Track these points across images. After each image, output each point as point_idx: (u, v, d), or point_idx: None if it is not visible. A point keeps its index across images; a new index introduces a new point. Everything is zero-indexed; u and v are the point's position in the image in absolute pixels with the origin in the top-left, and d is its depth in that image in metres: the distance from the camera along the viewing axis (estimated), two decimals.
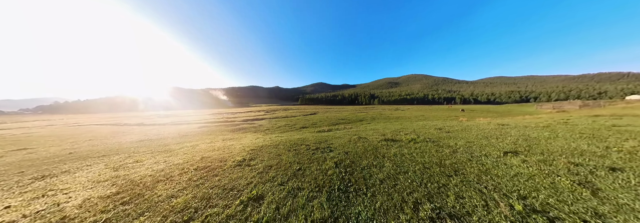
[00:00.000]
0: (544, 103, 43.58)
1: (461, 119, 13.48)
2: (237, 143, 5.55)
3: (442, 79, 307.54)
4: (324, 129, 9.22)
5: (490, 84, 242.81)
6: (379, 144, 4.31)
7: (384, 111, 33.41)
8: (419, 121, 13.66)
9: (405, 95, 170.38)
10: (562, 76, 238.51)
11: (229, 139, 7.12)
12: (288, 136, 6.65)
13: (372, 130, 7.76)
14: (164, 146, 6.07)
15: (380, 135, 5.80)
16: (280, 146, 4.38)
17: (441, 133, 5.68)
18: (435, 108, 48.03)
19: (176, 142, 6.93)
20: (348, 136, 5.81)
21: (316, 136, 6.41)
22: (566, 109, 24.96)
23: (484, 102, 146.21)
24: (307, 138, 5.87)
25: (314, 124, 12.90)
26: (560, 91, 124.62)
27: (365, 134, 6.29)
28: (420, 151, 3.63)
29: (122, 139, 9.02)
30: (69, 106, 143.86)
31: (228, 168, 2.99)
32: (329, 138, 5.62)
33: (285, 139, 5.77)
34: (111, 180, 2.81)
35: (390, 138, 4.92)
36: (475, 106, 58.15)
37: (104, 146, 7.08)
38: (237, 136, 8.39)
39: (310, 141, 4.92)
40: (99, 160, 4.35)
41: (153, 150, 5.25)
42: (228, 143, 5.77)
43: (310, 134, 7.49)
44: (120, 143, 7.74)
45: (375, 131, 6.97)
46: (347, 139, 5.09)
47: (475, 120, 12.14)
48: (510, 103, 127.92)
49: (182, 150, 5.05)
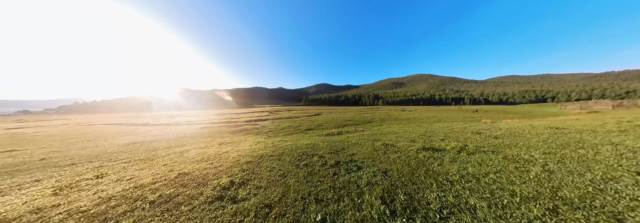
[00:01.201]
0: (568, 103, 40.08)
1: (484, 120, 11.89)
2: (233, 150, 4.58)
3: (449, 79, 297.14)
4: (333, 132, 8.13)
5: (501, 83, 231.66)
6: (420, 156, 3.16)
7: (390, 111, 31.80)
8: (435, 122, 12.26)
9: (411, 96, 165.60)
10: (581, 74, 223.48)
11: (226, 143, 6.19)
12: (293, 141, 5.63)
13: (391, 134, 6.59)
14: (151, 151, 5.22)
15: (409, 141, 4.63)
16: (284, 158, 3.34)
17: (488, 139, 4.44)
18: (444, 108, 45.55)
19: (167, 146, 6.09)
20: (368, 142, 4.68)
21: (328, 141, 5.34)
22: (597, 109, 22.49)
23: (496, 102, 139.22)
24: (317, 144, 4.81)
25: (319, 125, 11.83)
26: (581, 90, 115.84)
27: (388, 139, 5.13)
28: (491, 168, 2.46)
29: (118, 140, 8.43)
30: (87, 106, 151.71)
31: (201, 203, 1.94)
32: (344, 144, 4.52)
33: (291, 145, 4.75)
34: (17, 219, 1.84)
35: (429, 147, 3.74)
36: (488, 107, 54.96)
37: (92, 149, 6.42)
38: (236, 139, 7.47)
39: (323, 150, 3.85)
40: (58, 172, 3.48)
41: (133, 158, 4.39)
42: (223, 149, 4.82)
43: (319, 138, 6.42)
44: (112, 145, 7.07)
45: (398, 136, 5.79)
46: (370, 146, 3.98)
47: (502, 122, 10.62)
48: (525, 103, 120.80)
49: (167, 157, 4.14)
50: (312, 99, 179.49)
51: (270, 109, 48.44)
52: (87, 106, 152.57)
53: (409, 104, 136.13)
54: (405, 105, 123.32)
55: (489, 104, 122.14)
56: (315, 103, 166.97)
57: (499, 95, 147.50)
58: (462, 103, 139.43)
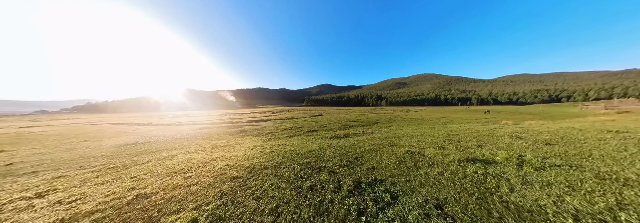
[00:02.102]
0: (589, 103, 37.27)
1: (504, 122, 10.65)
2: (224, 157, 3.85)
3: (455, 78, 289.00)
4: (339, 134, 7.30)
5: (511, 82, 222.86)
6: (469, 171, 2.30)
7: (395, 112, 30.57)
8: (448, 124, 11.21)
9: (415, 96, 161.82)
10: (600, 71, 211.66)
11: (220, 146, 5.49)
12: (295, 146, 4.85)
13: (408, 137, 5.69)
14: (134, 156, 4.59)
15: (437, 148, 3.74)
16: (282, 173, 2.55)
17: (539, 146, 3.50)
18: (452, 109, 43.65)
19: (156, 149, 5.46)
20: (385, 149, 3.83)
21: (335, 146, 4.53)
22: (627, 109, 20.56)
23: (505, 102, 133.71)
24: (323, 150, 4.00)
25: (323, 126, 11.03)
26: (600, 88, 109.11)
27: (408, 144, 4.26)
28: (605, 199, 1.59)
29: (112, 141, 8.02)
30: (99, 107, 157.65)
31: None
32: (357, 151, 3.69)
33: (292, 151, 3.97)
34: None
35: (472, 157, 2.83)
36: (499, 107, 52.47)
37: (78, 151, 5.96)
38: (233, 141, 6.78)
39: (332, 159, 3.04)
40: (6, 184, 2.84)
41: (108, 164, 3.74)
42: (213, 155, 4.12)
43: (324, 142, 5.61)
44: (102, 147, 6.61)
45: (418, 140, 4.90)
46: (390, 155, 3.14)
47: (526, 124, 9.45)
48: (538, 103, 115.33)
49: (144, 165, 3.47)
50: (314, 100, 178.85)
51: (272, 110, 48.13)
52: (99, 106, 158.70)
53: (413, 105, 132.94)
54: (409, 105, 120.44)
55: (498, 105, 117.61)
56: (318, 104, 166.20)
57: (509, 95, 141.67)
58: (469, 104, 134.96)
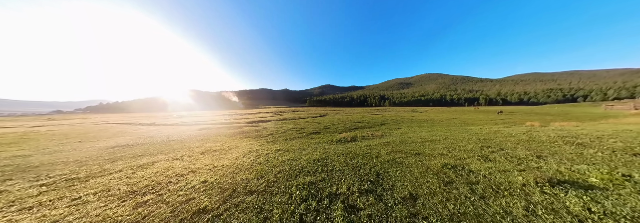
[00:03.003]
0: (614, 102, 34.73)
1: (529, 124, 9.66)
2: (207, 167, 3.53)
3: (461, 78, 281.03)
4: (345, 137, 6.77)
5: (521, 81, 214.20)
6: (573, 206, 1.65)
7: (400, 112, 29.56)
8: (464, 125, 10.51)
9: (419, 96, 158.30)
10: (618, 69, 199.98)
11: (211, 151, 5.04)
12: (296, 152, 4.48)
13: (428, 142, 5.07)
14: (108, 163, 4.27)
15: (481, 159, 3.19)
16: (272, 207, 1.96)
17: (631, 158, 2.77)
18: (460, 109, 41.96)
19: (139, 154, 5.17)
20: (410, 159, 3.36)
21: (344, 154, 4.11)
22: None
23: (515, 102, 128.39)
24: (329, 160, 3.57)
25: (326, 128, 10.48)
26: (620, 87, 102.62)
27: (436, 153, 3.75)
28: None
29: (106, 142, 7.88)
30: (110, 107, 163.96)
31: None
32: (374, 162, 3.25)
33: (291, 161, 3.57)
34: None
35: (551, 177, 2.15)
36: (512, 107, 50.20)
37: (60, 154, 5.70)
38: (228, 144, 6.33)
39: (343, 176, 2.52)
40: None
41: (69, 174, 3.42)
42: (196, 164, 3.79)
43: (330, 147, 5.16)
44: (90, 148, 6.43)
45: (445, 147, 4.40)
46: (424, 171, 2.69)
47: (556, 125, 8.52)
48: (551, 103, 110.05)
49: (108, 178, 3.18)
50: (316, 100, 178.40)
51: (274, 110, 47.96)
52: (110, 107, 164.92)
53: (418, 105, 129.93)
54: (413, 106, 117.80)
55: (507, 105, 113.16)
56: (320, 104, 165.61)
57: (519, 94, 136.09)
58: (477, 104, 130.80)
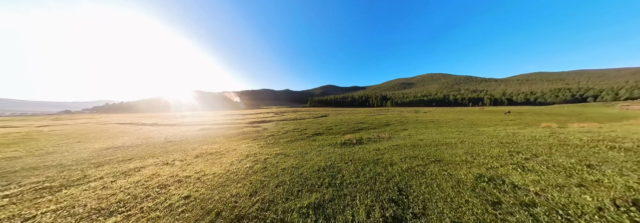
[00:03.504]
0: (630, 102, 33.49)
1: (545, 125, 9.34)
2: (196, 177, 3.37)
3: (464, 78, 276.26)
4: (350, 139, 6.50)
5: (526, 81, 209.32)
6: None
7: (403, 113, 29.30)
8: (475, 126, 10.29)
9: (422, 96, 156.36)
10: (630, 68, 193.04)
11: (207, 154, 5.11)
12: (297, 158, 4.35)
13: (444, 145, 4.94)
14: (92, 168, 4.18)
15: (517, 167, 3.03)
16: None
17: None
18: (465, 110, 41.32)
19: (129, 157, 5.11)
20: (430, 167, 3.22)
21: (351, 158, 4.01)
22: None
23: (521, 103, 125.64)
24: (337, 167, 3.44)
25: (329, 129, 10.47)
26: (632, 86, 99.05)
27: (459, 159, 3.56)
28: None
29: (102, 143, 7.84)
30: (116, 107, 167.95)
31: None
32: (390, 172, 3.09)
33: (292, 170, 3.46)
34: None
35: (625, 197, 1.93)
36: (520, 108, 49.21)
37: (50, 156, 5.64)
38: (226, 146, 6.45)
39: (359, 194, 2.36)
40: None
41: (43, 182, 3.38)
42: (185, 172, 3.66)
43: (335, 150, 5.01)
44: (83, 150, 6.35)
45: (467, 152, 4.13)
46: (455, 184, 2.53)
47: (575, 126, 8.33)
48: (559, 103, 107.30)
49: (83, 187, 3.07)
50: (318, 101, 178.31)
51: (276, 111, 48.27)
52: (115, 107, 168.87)
53: (420, 105, 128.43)
54: (416, 106, 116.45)
55: (513, 105, 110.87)
56: (321, 105, 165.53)
57: (525, 94, 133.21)
58: (481, 104, 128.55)
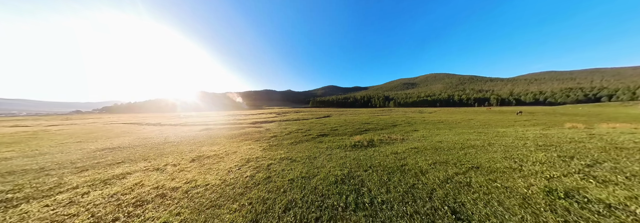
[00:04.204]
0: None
1: (571, 125, 8.63)
2: (185, 189, 2.94)
3: (469, 78, 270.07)
4: (360, 141, 6.03)
5: (535, 81, 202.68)
6: None
7: (407, 113, 28.64)
8: (491, 127, 9.73)
9: (425, 96, 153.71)
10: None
11: (204, 157, 4.82)
12: (306, 164, 3.91)
13: (470, 148, 4.49)
14: (74, 173, 3.92)
15: (588, 177, 2.63)
16: None
17: None
18: (472, 110, 40.11)
19: (120, 160, 4.85)
20: (472, 176, 2.77)
21: (370, 165, 3.60)
22: None
23: (530, 103, 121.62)
24: (357, 178, 2.99)
25: (333, 130, 10.09)
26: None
27: (502, 166, 3.11)
28: None
29: (101, 143, 7.73)
30: (124, 107, 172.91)
31: None
32: (426, 183, 2.65)
33: (301, 181, 2.94)
34: None
35: None
36: (530, 108, 47.49)
37: (40, 157, 5.47)
38: (226, 148, 6.19)
39: (398, 218, 1.95)
40: None
41: (10, 191, 3.12)
42: (173, 182, 3.22)
43: (346, 154, 4.59)
44: (76, 151, 6.19)
45: (507, 157, 3.67)
46: (521, 201, 2.10)
47: (601, 127, 7.68)
48: (571, 103, 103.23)
49: (45, 202, 2.73)
50: (319, 101, 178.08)
51: (278, 111, 48.23)
52: (123, 107, 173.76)
53: (424, 106, 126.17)
54: (419, 106, 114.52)
55: (522, 105, 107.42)
56: (323, 105, 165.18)
57: (534, 94, 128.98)
58: (487, 104, 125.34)
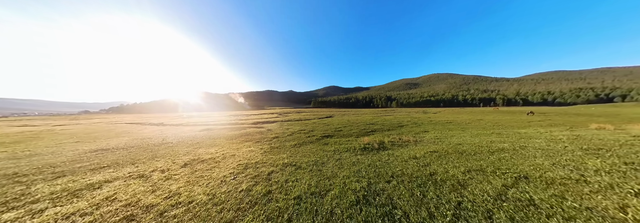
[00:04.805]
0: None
1: (598, 126, 8.12)
2: (169, 203, 2.48)
3: (473, 78, 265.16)
4: (370, 144, 5.58)
5: (543, 80, 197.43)
6: None
7: (411, 114, 28.00)
8: (506, 128, 9.15)
9: (428, 96, 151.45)
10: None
11: (199, 161, 4.50)
12: (314, 172, 3.37)
13: (502, 153, 4.03)
14: (50, 179, 3.61)
15: None
16: None
17: None
18: (478, 110, 39.03)
19: (108, 163, 4.57)
20: (530, 192, 2.35)
21: (393, 174, 3.11)
22: None
23: (538, 103, 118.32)
24: (378, 191, 2.53)
25: (338, 130, 9.67)
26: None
27: (551, 174, 2.73)
28: None
29: (98, 144, 7.56)
30: (129, 108, 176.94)
31: None
32: (473, 200, 2.21)
33: (311, 195, 2.46)
34: None
35: None
36: (540, 108, 45.96)
37: (26, 160, 5.25)
38: (224, 150, 5.90)
39: None
40: None
41: None
42: (159, 192, 2.82)
43: (357, 158, 4.17)
44: (68, 152, 6.01)
45: (552, 163, 3.24)
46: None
47: (633, 127, 7.14)
48: (581, 103, 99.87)
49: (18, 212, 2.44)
50: (321, 102, 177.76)
51: (279, 111, 48.11)
52: (129, 107, 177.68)
53: (427, 106, 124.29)
54: (422, 107, 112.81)
55: (529, 105, 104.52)
56: (325, 105, 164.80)
57: (542, 94, 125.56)
58: (493, 104, 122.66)
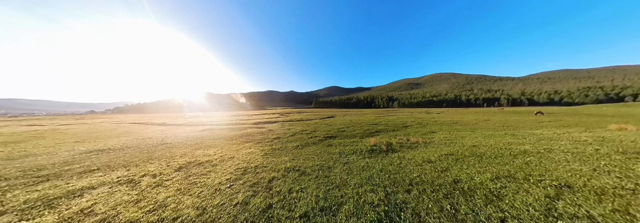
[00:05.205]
0: None
1: (616, 126, 7.72)
2: (151, 218, 2.12)
3: (477, 77, 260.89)
4: (377, 145, 5.26)
5: (549, 79, 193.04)
6: None
7: (414, 114, 27.55)
8: (518, 129, 8.75)
9: (431, 97, 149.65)
10: None
11: (195, 164, 4.29)
12: (321, 179, 2.97)
13: (526, 156, 3.74)
14: (31, 184, 3.40)
15: None
16: None
17: None
18: (483, 110, 38.23)
19: (98, 166, 4.37)
20: (582, 205, 2.08)
21: (411, 182, 2.78)
22: None
23: (545, 103, 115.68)
24: (400, 205, 2.21)
25: (340, 131, 9.37)
26: None
27: (599, 184, 2.47)
28: None
29: (98, 144, 7.46)
30: (134, 108, 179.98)
31: None
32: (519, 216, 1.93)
33: (320, 211, 2.19)
34: None
35: None
36: (548, 108, 44.81)
37: (26, 159, 5.17)
38: (223, 152, 5.72)
39: None
40: None
41: None
42: (143, 203, 2.49)
43: (366, 162, 3.85)
44: (67, 153, 5.91)
45: (595, 169, 3.01)
46: None
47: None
48: (590, 103, 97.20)
49: None
50: (322, 102, 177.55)
51: (281, 111, 48.09)
52: (133, 107, 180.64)
53: (430, 106, 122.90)
54: (425, 107, 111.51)
55: (535, 105, 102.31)
56: (326, 106, 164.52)
57: (549, 94, 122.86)
58: (498, 104, 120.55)
